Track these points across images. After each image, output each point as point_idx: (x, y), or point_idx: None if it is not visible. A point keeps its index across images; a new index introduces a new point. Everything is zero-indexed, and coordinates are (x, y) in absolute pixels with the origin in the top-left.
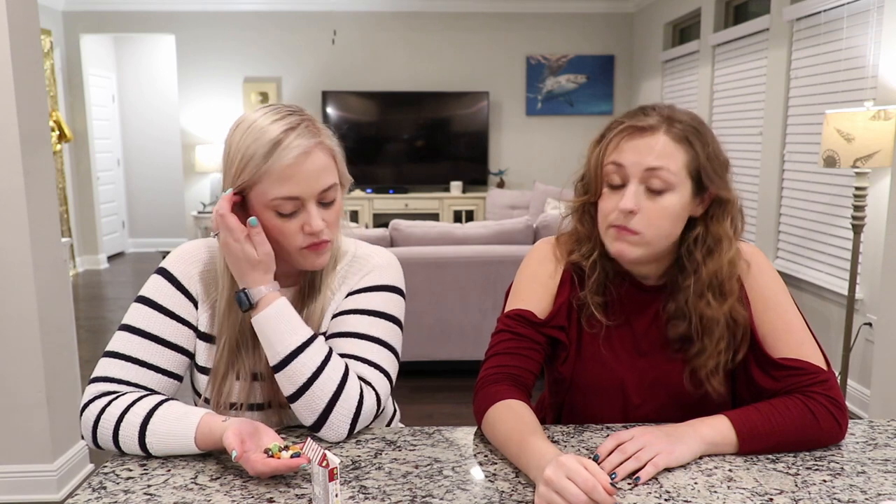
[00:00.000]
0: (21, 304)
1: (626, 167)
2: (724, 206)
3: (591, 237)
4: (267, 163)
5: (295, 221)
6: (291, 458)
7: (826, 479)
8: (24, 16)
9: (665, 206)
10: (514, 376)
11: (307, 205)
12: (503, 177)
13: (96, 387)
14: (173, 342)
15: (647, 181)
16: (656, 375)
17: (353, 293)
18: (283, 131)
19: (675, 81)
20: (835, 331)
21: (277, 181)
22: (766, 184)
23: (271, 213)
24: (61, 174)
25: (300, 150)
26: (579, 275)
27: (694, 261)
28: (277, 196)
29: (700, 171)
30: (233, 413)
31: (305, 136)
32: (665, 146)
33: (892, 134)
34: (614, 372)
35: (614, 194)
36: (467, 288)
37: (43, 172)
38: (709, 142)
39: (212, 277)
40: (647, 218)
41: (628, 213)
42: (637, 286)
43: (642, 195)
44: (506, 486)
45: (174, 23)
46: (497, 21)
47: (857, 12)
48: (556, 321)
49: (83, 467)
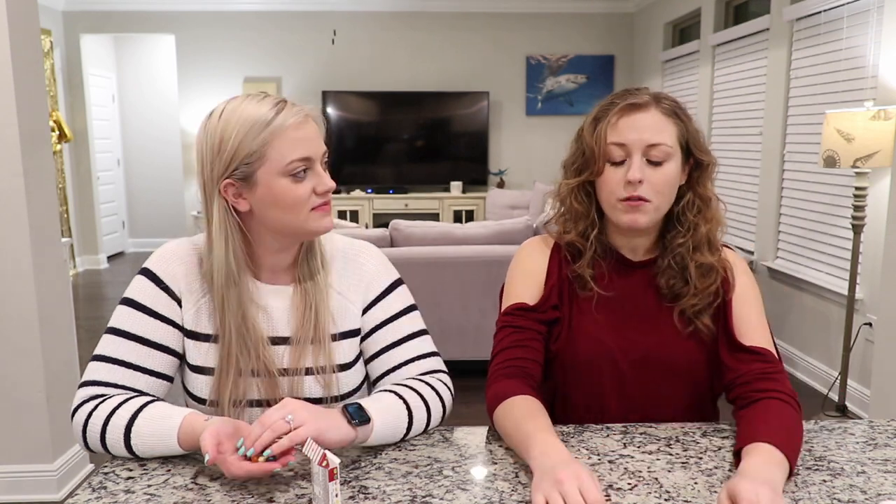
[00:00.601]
0: (21, 304)
1: (628, 144)
2: (706, 169)
3: (588, 214)
4: (270, 128)
5: (306, 184)
6: (267, 462)
7: (826, 479)
8: (24, 16)
9: (666, 173)
10: (522, 368)
11: (315, 166)
12: (503, 177)
13: (85, 391)
14: (160, 343)
15: (648, 154)
16: (647, 347)
17: (370, 306)
18: (274, 104)
19: (675, 81)
20: (835, 331)
21: (290, 144)
22: (766, 184)
23: (286, 180)
24: (61, 174)
25: (300, 117)
26: (572, 253)
27: (687, 221)
28: (294, 158)
29: (688, 140)
30: (235, 411)
31: (295, 106)
32: (658, 121)
33: (892, 134)
34: (605, 345)
35: (617, 169)
36: (467, 288)
37: (43, 172)
38: (689, 116)
39: (196, 275)
40: (653, 185)
41: (637, 182)
42: (624, 262)
43: (645, 166)
44: (506, 486)
45: (174, 23)
46: (497, 21)
47: (857, 12)
48: (550, 301)
49: (83, 467)
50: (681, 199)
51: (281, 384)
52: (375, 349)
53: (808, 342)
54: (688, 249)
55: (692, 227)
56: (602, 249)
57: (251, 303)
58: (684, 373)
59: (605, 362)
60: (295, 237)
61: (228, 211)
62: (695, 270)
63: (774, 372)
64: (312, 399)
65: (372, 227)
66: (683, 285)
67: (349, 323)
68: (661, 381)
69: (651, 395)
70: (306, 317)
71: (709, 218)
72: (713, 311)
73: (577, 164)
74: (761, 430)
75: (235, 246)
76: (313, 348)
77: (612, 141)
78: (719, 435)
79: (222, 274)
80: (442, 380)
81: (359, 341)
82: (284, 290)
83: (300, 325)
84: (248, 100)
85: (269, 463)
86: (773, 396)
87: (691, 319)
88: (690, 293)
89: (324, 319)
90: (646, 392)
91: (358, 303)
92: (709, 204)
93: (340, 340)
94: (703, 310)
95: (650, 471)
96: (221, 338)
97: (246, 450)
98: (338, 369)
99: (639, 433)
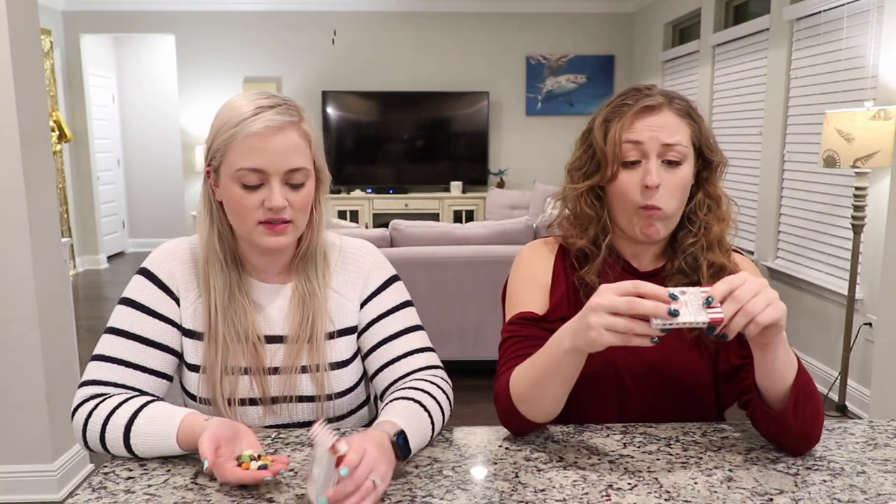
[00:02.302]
0: (21, 304)
1: (644, 143)
2: (716, 168)
3: (599, 219)
4: (234, 130)
5: (257, 195)
6: (259, 470)
7: (826, 479)
8: (24, 16)
9: (681, 177)
10: None
11: (271, 180)
12: (503, 177)
13: (85, 390)
14: (159, 342)
15: (665, 155)
16: (652, 360)
17: (367, 301)
18: (259, 107)
19: (676, 81)
20: (835, 331)
21: (244, 152)
22: (766, 184)
23: (237, 185)
24: (61, 174)
25: (270, 124)
26: (579, 258)
27: (698, 221)
28: (243, 166)
29: (701, 141)
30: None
31: (282, 114)
32: (674, 122)
33: (892, 134)
34: (610, 360)
35: (631, 173)
36: (467, 288)
37: (43, 172)
38: (701, 116)
39: (193, 274)
40: (668, 190)
41: (655, 188)
42: (630, 271)
43: (661, 169)
44: (506, 486)
45: (174, 23)
46: (497, 21)
47: (857, 12)
48: (558, 313)
49: (83, 467)
50: (691, 198)
51: (275, 382)
52: (372, 343)
53: (808, 342)
54: (701, 248)
55: (704, 227)
56: (610, 256)
57: (242, 297)
58: (689, 386)
59: (608, 376)
60: (250, 245)
61: (211, 195)
62: (706, 271)
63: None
64: (305, 397)
65: (372, 227)
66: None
67: (347, 320)
68: (665, 395)
69: (654, 408)
70: (304, 318)
71: (720, 217)
72: None
73: (585, 167)
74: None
75: (222, 230)
76: (309, 347)
77: (627, 139)
78: (719, 435)
79: (206, 252)
80: (443, 377)
81: (356, 338)
82: (281, 289)
83: (298, 326)
84: (247, 96)
85: (260, 471)
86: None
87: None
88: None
89: (321, 320)
90: (649, 405)
91: (355, 299)
92: (719, 203)
93: (338, 338)
94: None
95: (650, 471)
96: (207, 327)
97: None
98: (334, 367)
99: (639, 433)
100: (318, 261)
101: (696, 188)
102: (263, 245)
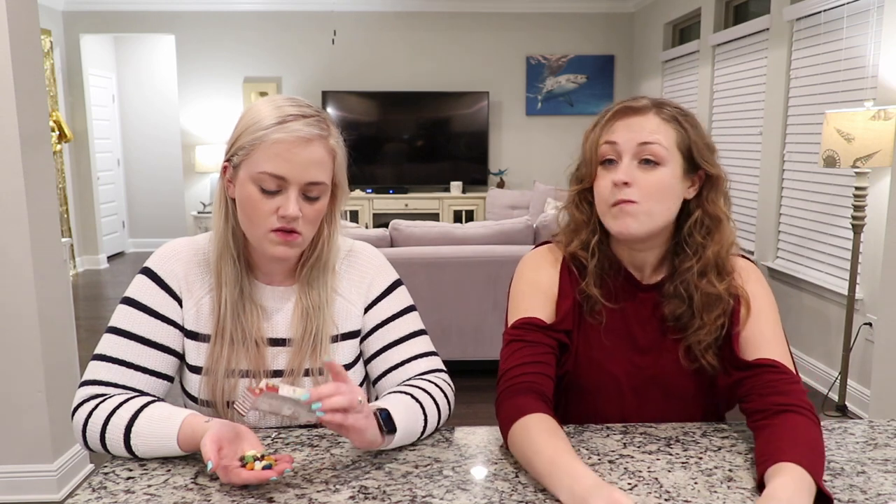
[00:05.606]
0: (21, 304)
1: (619, 144)
2: (717, 185)
3: (589, 222)
4: (265, 132)
5: (272, 202)
6: (263, 470)
7: (826, 480)
8: (24, 16)
9: (658, 177)
10: (534, 384)
11: (289, 189)
12: (503, 177)
13: (85, 390)
14: (160, 342)
15: (640, 155)
16: (652, 373)
17: (371, 306)
18: (295, 115)
19: (675, 81)
20: (835, 331)
21: (270, 156)
22: (766, 184)
23: (254, 187)
24: (61, 174)
25: (300, 135)
26: (578, 267)
27: (695, 243)
28: (265, 170)
29: (691, 148)
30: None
31: (313, 125)
32: (655, 124)
33: (892, 134)
34: (610, 372)
35: (608, 172)
36: (467, 288)
37: (43, 172)
38: (696, 124)
39: (196, 275)
40: (641, 189)
41: (623, 184)
42: (633, 283)
43: (635, 169)
44: (506, 486)
45: (174, 23)
46: (497, 21)
47: (857, 12)
48: (564, 325)
49: (83, 467)
50: (689, 216)
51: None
52: (375, 348)
53: (808, 342)
54: (693, 276)
55: (700, 250)
56: (609, 264)
57: (248, 297)
58: (689, 397)
59: (607, 387)
60: (258, 250)
61: (225, 191)
62: (700, 301)
63: (789, 382)
64: None
65: (372, 227)
66: (690, 317)
67: (350, 324)
68: (665, 405)
69: (654, 418)
70: (309, 322)
71: (717, 240)
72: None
73: (578, 171)
74: (785, 449)
75: (236, 228)
76: (312, 351)
77: (605, 139)
78: (719, 435)
79: (219, 247)
80: (445, 379)
81: (359, 342)
82: (286, 293)
83: (303, 330)
84: (282, 100)
85: (265, 471)
86: (791, 410)
87: (696, 357)
88: (696, 326)
89: (326, 324)
90: (648, 415)
91: (359, 304)
92: (719, 224)
93: (342, 342)
94: (710, 345)
95: (650, 471)
96: (216, 325)
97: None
98: None
99: (639, 433)
100: (328, 273)
101: (696, 205)
102: (271, 253)
